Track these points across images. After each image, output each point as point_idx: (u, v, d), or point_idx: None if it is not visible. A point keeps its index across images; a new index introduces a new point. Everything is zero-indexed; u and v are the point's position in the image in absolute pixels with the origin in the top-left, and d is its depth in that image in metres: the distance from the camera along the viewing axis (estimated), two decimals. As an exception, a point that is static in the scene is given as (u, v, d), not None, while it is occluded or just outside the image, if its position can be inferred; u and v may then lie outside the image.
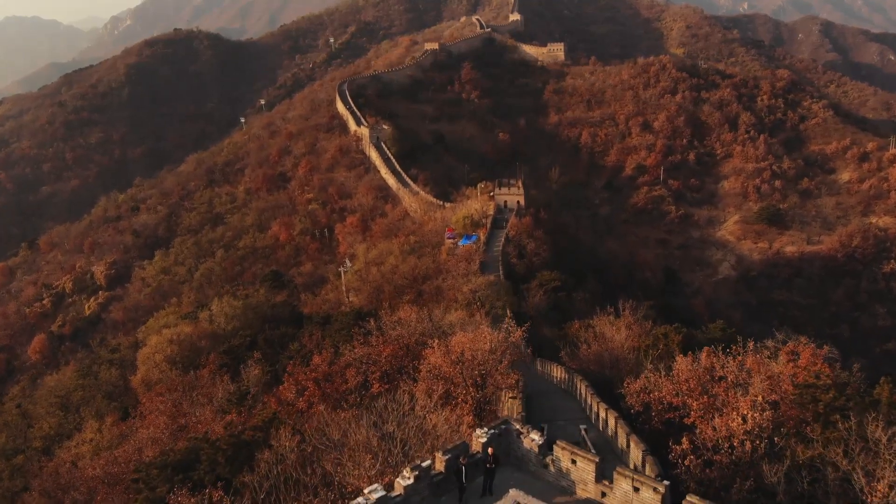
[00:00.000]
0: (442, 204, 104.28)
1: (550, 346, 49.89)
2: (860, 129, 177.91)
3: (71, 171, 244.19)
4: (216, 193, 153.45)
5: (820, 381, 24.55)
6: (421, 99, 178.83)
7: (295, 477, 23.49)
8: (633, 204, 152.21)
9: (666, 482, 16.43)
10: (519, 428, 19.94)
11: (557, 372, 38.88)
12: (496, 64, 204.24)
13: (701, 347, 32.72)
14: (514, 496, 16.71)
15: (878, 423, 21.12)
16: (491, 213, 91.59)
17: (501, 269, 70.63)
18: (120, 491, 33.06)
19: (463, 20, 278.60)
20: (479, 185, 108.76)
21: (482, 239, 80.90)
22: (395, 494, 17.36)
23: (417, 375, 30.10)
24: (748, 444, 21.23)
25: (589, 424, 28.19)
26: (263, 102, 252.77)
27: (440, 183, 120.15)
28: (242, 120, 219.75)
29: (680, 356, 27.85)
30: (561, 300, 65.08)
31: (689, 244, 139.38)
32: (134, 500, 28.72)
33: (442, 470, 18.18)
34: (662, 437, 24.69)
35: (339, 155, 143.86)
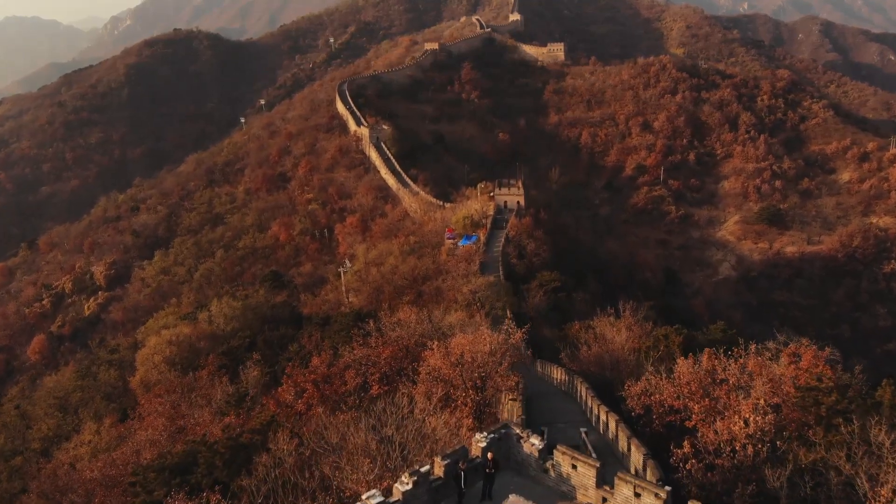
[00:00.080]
0: (442, 204, 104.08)
1: (550, 346, 49.70)
2: (860, 129, 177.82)
3: (71, 171, 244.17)
4: (216, 194, 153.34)
5: (822, 383, 24.36)
6: (421, 99, 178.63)
7: (293, 481, 23.31)
8: (633, 204, 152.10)
9: (668, 487, 16.24)
10: (519, 432, 19.74)
11: (557, 373, 38.68)
12: (496, 64, 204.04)
13: (702, 349, 32.54)
14: (514, 501, 16.55)
15: (881, 426, 20.93)
16: (491, 213, 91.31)
17: (501, 269, 70.36)
18: (118, 493, 32.89)
19: (463, 20, 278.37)
20: (478, 185, 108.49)
21: (482, 239, 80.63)
22: (393, 500, 17.13)
23: (417, 378, 29.89)
24: (750, 447, 21.03)
25: (589, 427, 27.97)
26: (263, 102, 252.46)
27: (440, 183, 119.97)
28: (242, 120, 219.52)
29: (681, 358, 27.65)
30: (561, 301, 64.89)
31: (689, 244, 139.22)
32: (131, 503, 28.55)
33: (441, 475, 17.98)
34: (663, 440, 24.50)
35: (338, 155, 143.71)
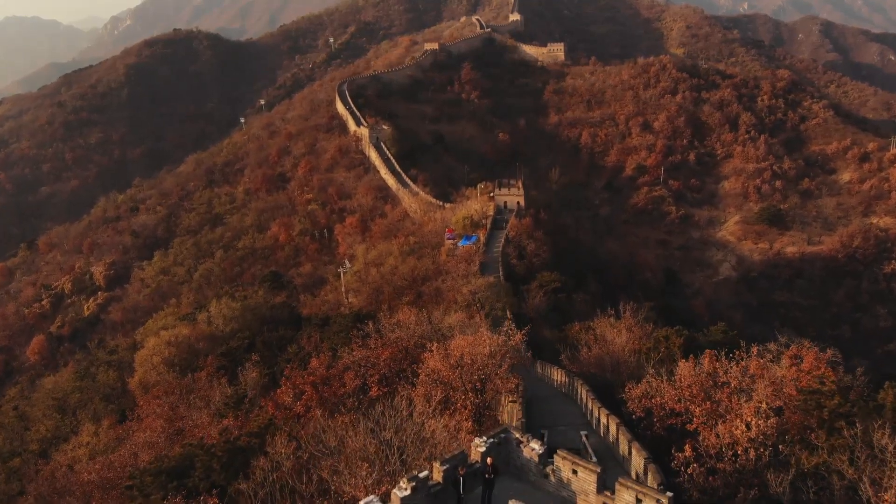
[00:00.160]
0: (441, 204, 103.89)
1: (550, 347, 49.51)
2: (861, 129, 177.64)
3: (70, 171, 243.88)
4: (215, 194, 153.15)
5: (825, 386, 24.15)
6: (421, 99, 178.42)
7: (291, 485, 23.13)
8: (633, 204, 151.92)
9: (669, 493, 16.03)
10: (519, 437, 19.53)
11: (558, 375, 38.48)
12: (496, 64, 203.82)
13: (702, 350, 32.32)
14: (513, 507, 16.35)
15: (884, 430, 20.70)
16: (491, 213, 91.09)
17: (501, 270, 70.14)
18: (115, 496, 32.72)
19: (463, 20, 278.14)
20: (478, 185, 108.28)
21: (482, 240, 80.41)
22: (391, 506, 16.96)
23: (416, 380, 29.69)
24: (752, 451, 20.83)
25: (590, 430, 27.78)
26: (263, 102, 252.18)
27: (440, 183, 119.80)
28: (242, 120, 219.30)
29: (682, 361, 27.44)
30: (561, 301, 64.68)
31: (689, 245, 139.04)
32: (128, 506, 28.37)
33: (440, 480, 17.77)
34: (664, 443, 24.30)
35: (338, 155, 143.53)
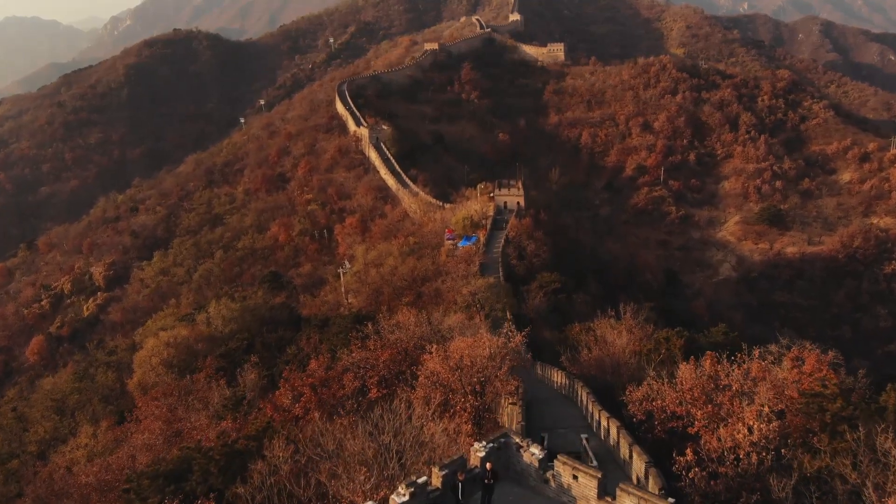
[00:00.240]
0: (441, 205, 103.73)
1: (550, 349, 49.35)
2: (861, 129, 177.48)
3: (70, 171, 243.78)
4: (215, 194, 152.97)
5: (827, 389, 23.95)
6: (420, 99, 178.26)
7: (288, 489, 22.95)
8: (633, 205, 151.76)
9: (671, 500, 15.84)
10: (518, 441, 19.33)
11: (558, 377, 38.30)
12: (496, 64, 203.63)
13: (703, 352, 32.15)
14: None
15: (887, 434, 20.49)
16: (491, 214, 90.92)
17: (501, 270, 69.95)
18: (113, 499, 32.56)
19: (463, 20, 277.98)
20: (478, 185, 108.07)
21: (482, 240, 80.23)
22: (389, 511, 16.77)
23: (415, 382, 29.50)
24: (754, 455, 20.63)
25: (590, 433, 27.59)
26: (263, 103, 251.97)
27: (440, 184, 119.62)
28: (242, 120, 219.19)
29: (683, 364, 27.24)
30: (561, 302, 64.50)
31: (689, 245, 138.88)
32: (126, 509, 28.17)
33: (438, 486, 17.58)
34: (665, 446, 24.11)
35: (338, 155, 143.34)
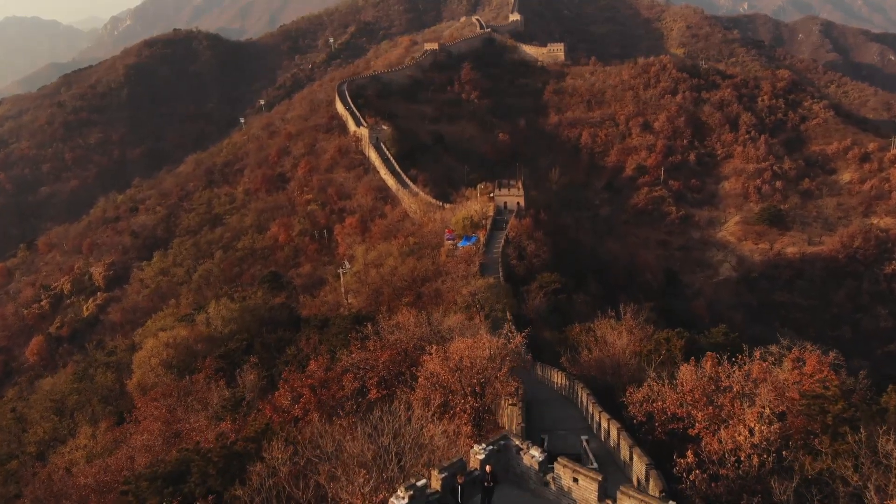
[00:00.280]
0: (441, 205, 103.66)
1: (550, 349, 49.23)
2: (861, 129, 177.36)
3: (70, 171, 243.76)
4: (215, 194, 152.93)
5: (828, 391, 23.85)
6: (420, 99, 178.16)
7: (287, 491, 22.85)
8: (633, 205, 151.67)
9: (672, 502, 15.74)
10: (518, 444, 19.24)
11: (558, 378, 38.18)
12: (496, 64, 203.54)
13: (703, 352, 32.07)
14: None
15: (889, 435, 20.37)
16: (490, 214, 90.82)
17: (501, 270, 69.84)
18: (111, 500, 32.48)
19: (463, 20, 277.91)
20: (478, 185, 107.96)
21: (482, 240, 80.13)
22: (389, 514, 16.67)
23: (415, 384, 29.40)
24: (755, 458, 20.52)
25: (590, 434, 27.49)
26: (263, 103, 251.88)
27: (440, 184, 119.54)
28: (242, 120, 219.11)
29: (684, 365, 27.14)
30: (561, 302, 64.38)
31: (689, 245, 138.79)
32: (124, 511, 28.10)
33: (438, 489, 17.49)
34: (666, 447, 24.02)
35: (338, 155, 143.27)
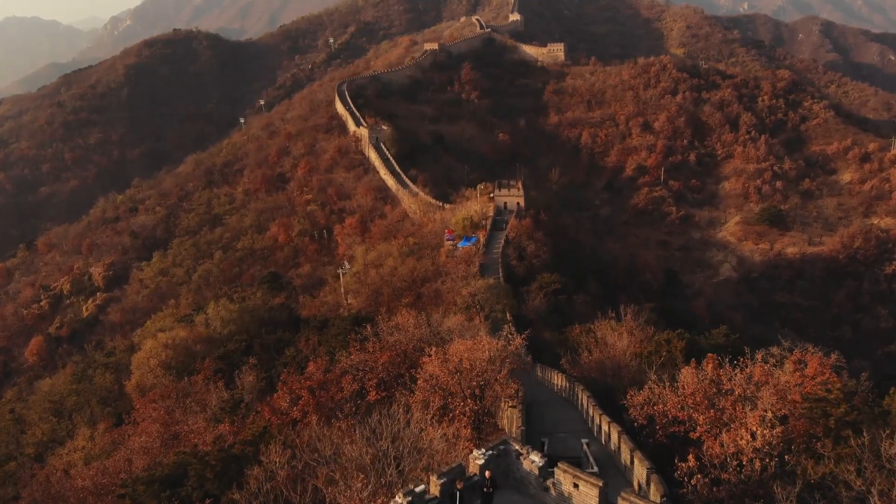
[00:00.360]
0: (441, 205, 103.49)
1: (550, 350, 49.09)
2: (861, 129, 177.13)
3: (70, 171, 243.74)
4: (215, 194, 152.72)
5: (831, 394, 23.66)
6: (420, 99, 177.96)
7: (285, 495, 22.68)
8: (633, 205, 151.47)
9: (673, 508, 15.57)
10: (518, 448, 19.05)
11: (558, 379, 38.01)
12: (496, 64, 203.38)
13: (704, 354, 31.84)
14: (512, 521, 15.89)
15: (892, 439, 20.15)
16: (490, 214, 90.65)
17: (501, 271, 69.69)
18: (109, 503, 32.32)
19: (463, 20, 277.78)
20: (478, 186, 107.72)
21: (481, 241, 80.00)
22: (387, 519, 16.50)
23: (414, 386, 29.23)
24: (758, 462, 20.34)
25: (591, 437, 27.31)
26: (263, 103, 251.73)
27: (439, 184, 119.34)
28: (242, 120, 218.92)
29: (685, 368, 26.95)
30: (561, 303, 64.25)
31: (689, 245, 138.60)
32: (122, 514, 27.92)
33: (437, 494, 17.30)
34: (666, 451, 23.84)
35: (338, 156, 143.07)
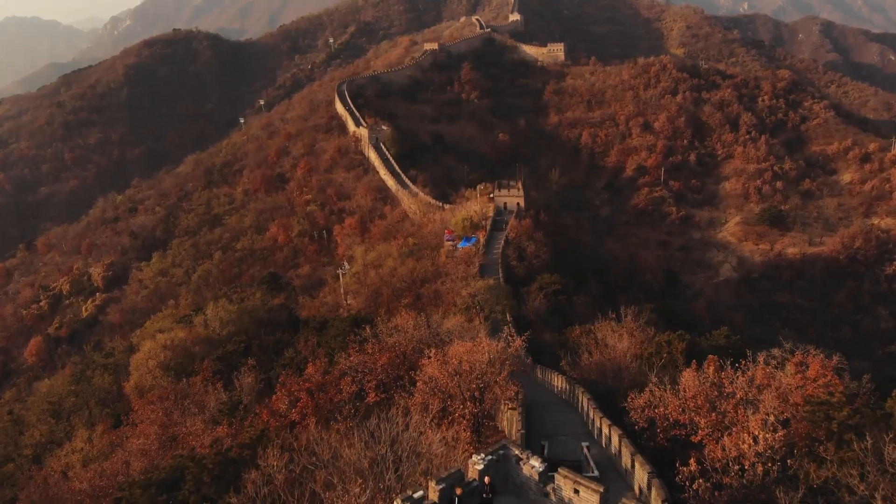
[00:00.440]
0: (441, 205, 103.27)
1: (550, 351, 48.91)
2: (861, 129, 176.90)
3: (69, 171, 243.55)
4: (214, 194, 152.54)
5: (833, 397, 23.47)
6: (420, 99, 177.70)
7: (283, 499, 22.49)
8: (633, 205, 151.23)
9: (675, 513, 15.39)
10: (518, 453, 18.86)
11: (558, 381, 37.79)
12: (496, 64, 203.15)
13: (705, 356, 31.68)
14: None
15: (895, 443, 19.97)
16: (490, 214, 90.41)
17: (501, 272, 69.49)
18: (107, 505, 32.17)
19: (463, 20, 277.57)
20: (478, 186, 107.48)
21: (481, 241, 79.81)
22: (386, 525, 16.33)
23: (413, 389, 29.03)
24: (760, 466, 20.15)
25: (591, 440, 27.11)
26: (263, 103, 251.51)
27: (439, 184, 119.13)
28: (241, 120, 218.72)
29: (687, 370, 26.76)
30: (561, 304, 64.05)
31: (689, 245, 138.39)
32: (119, 518, 27.72)
33: (436, 500, 17.12)
34: (668, 454, 23.66)
35: (337, 156, 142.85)
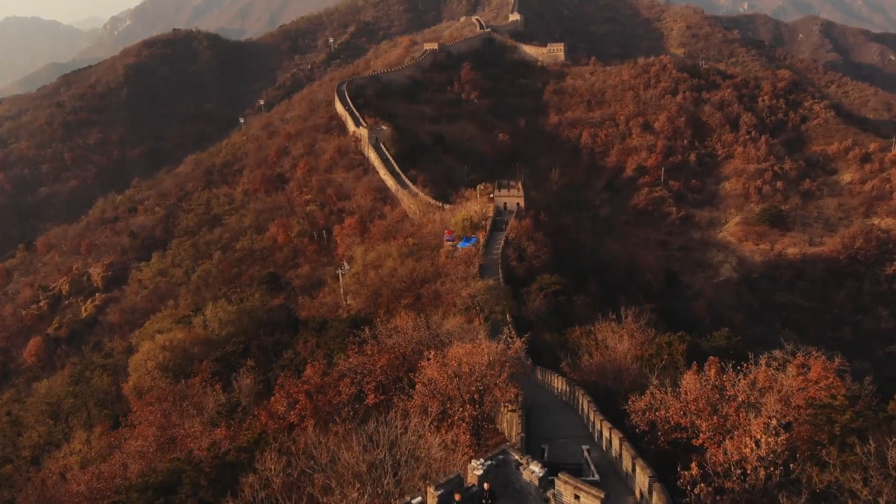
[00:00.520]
0: (441, 205, 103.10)
1: (550, 352, 48.75)
2: (862, 129, 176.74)
3: (69, 171, 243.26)
4: (214, 194, 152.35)
5: (836, 400, 23.27)
6: (420, 99, 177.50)
7: (280, 503, 22.31)
8: (633, 205, 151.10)
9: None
10: (518, 458, 18.68)
11: (558, 383, 37.62)
12: (496, 64, 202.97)
13: (706, 357, 31.49)
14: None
15: (898, 447, 19.79)
16: (490, 214, 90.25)
17: (501, 272, 69.33)
18: (104, 508, 32.01)
19: (463, 20, 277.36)
20: (478, 186, 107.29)
21: (481, 241, 79.68)
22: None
23: (412, 391, 28.84)
24: (762, 471, 19.97)
25: (591, 443, 26.94)
26: (262, 103, 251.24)
27: (439, 184, 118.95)
28: (241, 120, 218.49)
29: (688, 373, 26.57)
30: (561, 304, 63.91)
31: (690, 246, 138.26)
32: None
33: (434, 505, 16.98)
34: (669, 457, 23.47)
35: (337, 156, 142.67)
